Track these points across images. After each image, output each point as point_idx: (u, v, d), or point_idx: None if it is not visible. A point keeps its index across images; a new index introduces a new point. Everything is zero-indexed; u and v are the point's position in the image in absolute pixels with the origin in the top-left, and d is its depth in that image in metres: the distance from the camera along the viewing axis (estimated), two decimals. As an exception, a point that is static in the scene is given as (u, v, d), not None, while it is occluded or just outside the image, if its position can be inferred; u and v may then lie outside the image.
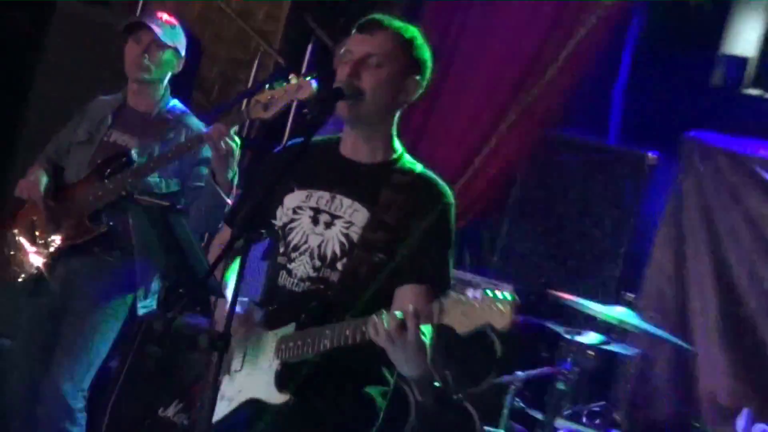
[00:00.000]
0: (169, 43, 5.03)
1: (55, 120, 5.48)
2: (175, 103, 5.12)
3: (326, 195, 3.44)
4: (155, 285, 5.13)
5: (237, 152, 4.61)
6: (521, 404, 5.36)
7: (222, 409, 3.47)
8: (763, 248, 6.10)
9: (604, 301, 5.21)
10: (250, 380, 3.47)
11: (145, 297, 5.06)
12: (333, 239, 3.41)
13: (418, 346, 3.05)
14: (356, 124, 3.46)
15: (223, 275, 3.68)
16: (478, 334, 5.67)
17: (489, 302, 2.94)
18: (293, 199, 3.50)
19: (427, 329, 3.13)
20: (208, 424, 3.27)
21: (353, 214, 3.41)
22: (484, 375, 5.62)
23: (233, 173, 4.63)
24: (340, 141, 3.54)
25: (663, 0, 7.01)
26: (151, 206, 4.55)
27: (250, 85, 8.02)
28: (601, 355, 5.23)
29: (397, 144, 3.52)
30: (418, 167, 3.50)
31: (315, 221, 3.44)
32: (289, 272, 3.46)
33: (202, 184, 4.80)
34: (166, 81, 5.12)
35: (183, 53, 5.13)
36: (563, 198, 6.65)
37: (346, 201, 3.42)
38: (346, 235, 3.40)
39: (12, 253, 5.03)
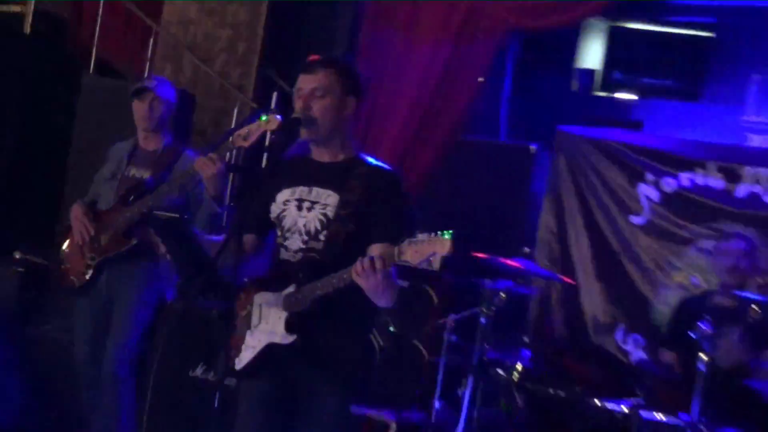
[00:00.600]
0: (163, 98, 5.07)
1: (90, 166, 5.50)
2: (174, 141, 5.17)
3: (306, 188, 3.56)
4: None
5: (221, 174, 4.70)
6: (456, 339, 5.34)
7: (247, 356, 3.55)
8: (617, 203, 6.22)
9: (510, 256, 5.24)
10: (266, 331, 3.53)
11: (171, 288, 5.03)
12: (314, 219, 3.51)
13: (387, 283, 3.20)
14: (317, 142, 3.56)
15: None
16: (419, 291, 5.76)
17: (433, 237, 3.14)
18: (282, 195, 3.59)
19: None
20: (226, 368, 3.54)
21: (327, 199, 3.51)
22: (425, 320, 5.69)
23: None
24: (311, 152, 3.62)
25: (532, 30, 6.91)
26: (168, 219, 4.49)
27: (233, 125, 7.96)
28: (511, 296, 5.15)
29: (353, 145, 3.63)
30: (372, 161, 3.59)
31: (300, 208, 3.55)
32: (286, 248, 3.56)
33: (202, 198, 4.71)
34: (166, 125, 5.14)
35: (175, 102, 5.17)
36: (472, 185, 6.62)
37: (321, 190, 3.52)
38: (324, 214, 3.49)
39: (68, 266, 5.02)
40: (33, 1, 8.96)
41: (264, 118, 4.37)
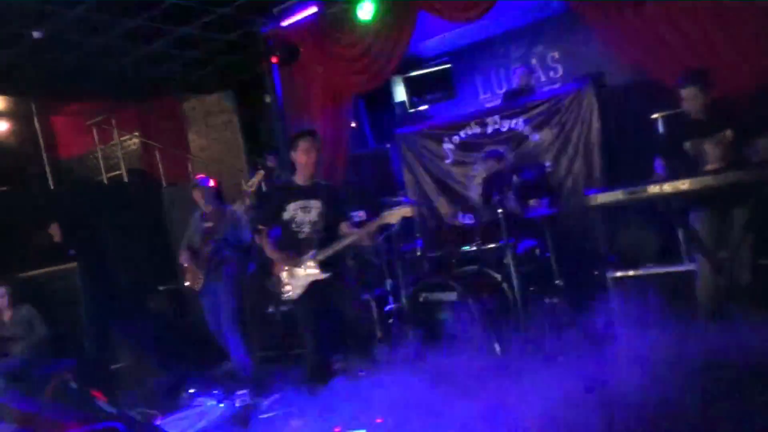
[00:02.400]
0: (206, 186, 4.95)
1: (180, 230, 5.34)
2: (218, 203, 5.02)
3: (302, 201, 3.51)
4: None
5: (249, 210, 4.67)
6: (385, 246, 5.14)
7: (297, 291, 3.47)
8: (436, 156, 6.14)
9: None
10: (305, 275, 3.47)
11: (244, 275, 4.98)
12: (312, 215, 3.49)
13: (371, 236, 3.36)
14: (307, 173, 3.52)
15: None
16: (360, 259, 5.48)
17: (400, 208, 3.13)
18: (292, 206, 3.53)
19: None
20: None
21: (315, 204, 3.50)
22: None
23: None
24: (292, 179, 3.58)
25: (366, 91, 6.75)
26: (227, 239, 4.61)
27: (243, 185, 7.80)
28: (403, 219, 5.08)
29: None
30: (323, 182, 3.60)
31: (305, 211, 3.51)
32: (302, 232, 3.51)
33: (243, 226, 4.77)
34: (213, 198, 5.00)
35: (212, 186, 5.01)
36: (363, 173, 6.50)
37: (312, 201, 3.50)
38: (318, 213, 3.49)
39: (190, 283, 4.90)
40: (124, 166, 8.80)
41: (256, 174, 4.43)
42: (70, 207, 7.33)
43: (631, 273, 3.78)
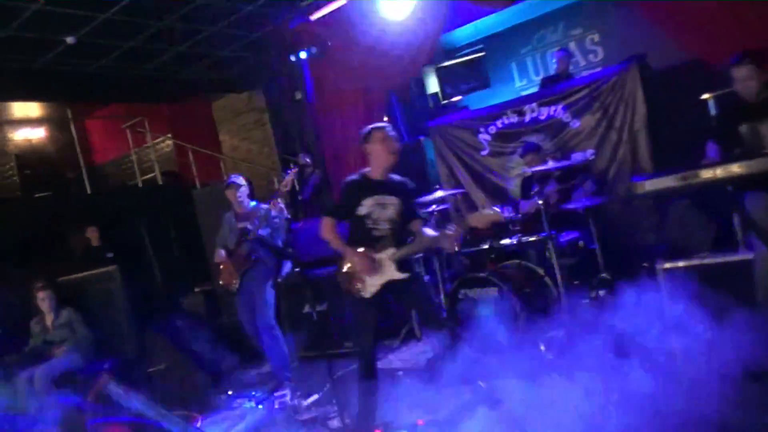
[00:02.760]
0: (239, 184, 4.96)
1: (213, 230, 5.31)
2: (252, 203, 5.02)
3: (378, 197, 3.28)
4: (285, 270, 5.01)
5: (282, 207, 4.69)
6: None
7: (371, 290, 3.27)
8: (471, 147, 6.11)
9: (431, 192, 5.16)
10: (383, 273, 3.27)
11: (279, 275, 4.95)
12: (389, 212, 3.29)
13: (455, 240, 3.12)
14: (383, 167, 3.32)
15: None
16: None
17: (490, 211, 3.02)
18: (368, 201, 3.28)
19: None
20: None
21: (392, 201, 3.29)
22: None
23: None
24: (366, 174, 3.34)
25: (397, 86, 6.76)
26: (255, 237, 4.66)
27: (277, 185, 7.89)
28: (439, 212, 5.00)
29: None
30: (396, 177, 3.37)
31: (382, 207, 3.29)
32: (378, 229, 3.29)
33: (277, 224, 4.77)
34: (246, 197, 5.01)
35: (245, 185, 5.03)
36: (402, 166, 6.45)
37: (388, 197, 3.29)
38: (395, 210, 3.29)
39: (225, 283, 4.91)
40: (158, 168, 8.96)
41: (289, 174, 4.46)
42: (107, 210, 7.54)
43: (682, 264, 3.60)
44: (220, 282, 4.97)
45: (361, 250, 3.28)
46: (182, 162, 9.51)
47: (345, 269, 3.35)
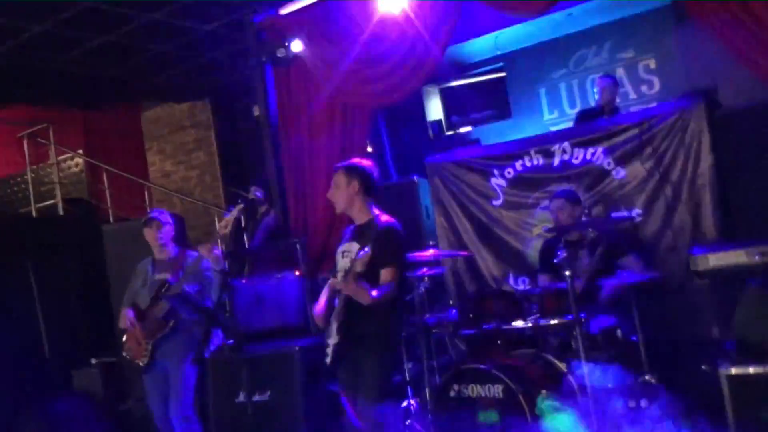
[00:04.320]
0: (163, 221, 5.01)
1: (123, 282, 5.36)
2: (177, 249, 5.07)
3: (347, 244, 3.92)
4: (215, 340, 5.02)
5: (218, 255, 4.69)
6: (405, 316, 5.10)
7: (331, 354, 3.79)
8: (480, 195, 6.12)
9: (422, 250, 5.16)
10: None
11: (206, 348, 4.90)
12: (346, 262, 3.80)
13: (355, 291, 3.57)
14: (345, 212, 3.96)
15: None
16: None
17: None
18: (338, 251, 3.97)
19: None
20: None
21: (353, 249, 3.78)
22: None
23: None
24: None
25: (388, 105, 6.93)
26: (175, 294, 4.72)
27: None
28: (431, 278, 5.10)
29: (371, 211, 3.93)
30: (382, 222, 3.87)
31: (342, 256, 3.88)
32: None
33: (211, 279, 4.81)
34: (170, 240, 5.05)
35: (172, 223, 5.12)
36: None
37: (353, 243, 3.86)
38: (350, 258, 3.75)
39: (133, 354, 4.92)
40: (59, 194, 8.98)
41: (232, 212, 4.48)
42: (-16, 247, 7.41)
43: (754, 370, 3.55)
44: (126, 354, 4.96)
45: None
46: (95, 188, 9.48)
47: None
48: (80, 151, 9.82)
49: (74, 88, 8.44)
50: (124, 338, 4.97)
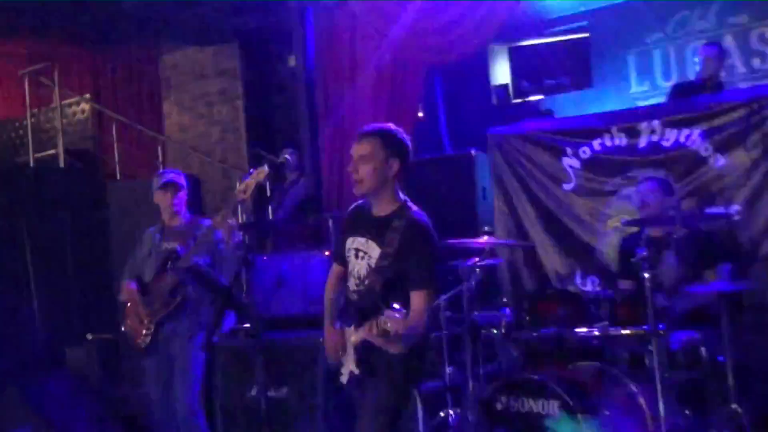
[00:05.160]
0: (181, 185, 5.07)
1: (126, 250, 5.43)
2: (190, 216, 5.13)
3: (362, 239, 3.53)
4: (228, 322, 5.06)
5: (233, 227, 4.73)
6: (450, 314, 5.18)
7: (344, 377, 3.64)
8: (549, 177, 6.10)
9: (475, 236, 5.16)
10: (346, 363, 3.61)
11: (216, 331, 4.86)
12: (362, 266, 3.50)
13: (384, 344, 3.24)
14: (367, 196, 3.51)
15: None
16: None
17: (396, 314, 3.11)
18: (349, 243, 3.60)
19: None
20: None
21: (372, 251, 3.47)
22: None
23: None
24: (371, 205, 3.56)
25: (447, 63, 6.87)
26: (188, 267, 4.71)
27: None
28: (483, 270, 5.05)
29: (399, 198, 3.51)
30: (412, 213, 3.46)
31: (356, 256, 3.54)
32: (348, 287, 3.58)
33: (223, 254, 4.82)
34: (184, 205, 5.11)
35: (187, 186, 5.15)
36: (433, 192, 6.34)
37: (370, 242, 3.48)
38: (368, 264, 3.47)
39: (132, 333, 4.94)
40: (61, 144, 9.08)
41: (254, 173, 4.51)
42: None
43: None
44: (126, 331, 5.01)
45: (339, 324, 3.65)
46: (102, 139, 9.63)
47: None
48: (87, 96, 9.96)
49: (85, 21, 8.53)
50: (125, 314, 5.01)
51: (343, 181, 6.68)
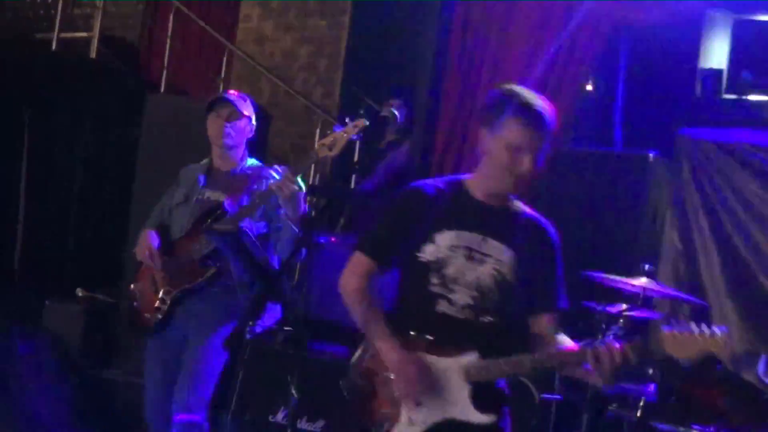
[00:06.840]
0: (244, 112, 5.04)
1: (156, 189, 5.44)
2: (252, 161, 5.08)
3: (478, 237, 3.42)
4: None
5: (300, 194, 4.73)
6: None
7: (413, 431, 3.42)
8: (752, 214, 6.05)
9: (629, 275, 5.12)
10: (444, 404, 3.38)
11: (254, 329, 4.88)
12: (486, 275, 3.39)
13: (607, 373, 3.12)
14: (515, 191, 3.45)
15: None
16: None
17: (706, 335, 3.00)
18: (445, 238, 3.44)
19: None
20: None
21: (498, 253, 3.40)
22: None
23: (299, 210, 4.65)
24: (462, 184, 3.53)
25: (645, 26, 6.89)
26: (225, 231, 4.63)
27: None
28: (631, 321, 5.09)
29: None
30: (525, 208, 3.50)
31: (470, 258, 3.42)
32: (450, 301, 3.41)
33: (281, 223, 4.78)
34: (243, 144, 5.10)
35: (254, 121, 5.09)
36: (584, 198, 6.56)
37: (491, 241, 3.41)
38: (498, 271, 3.39)
39: (141, 303, 4.97)
40: (98, 26, 9.29)
41: (349, 124, 4.49)
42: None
43: None
44: (133, 301, 5.10)
45: (411, 342, 3.48)
46: (152, 33, 9.82)
47: (365, 371, 3.58)
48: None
49: None
50: (138, 274, 5.08)
51: (462, 155, 6.73)
